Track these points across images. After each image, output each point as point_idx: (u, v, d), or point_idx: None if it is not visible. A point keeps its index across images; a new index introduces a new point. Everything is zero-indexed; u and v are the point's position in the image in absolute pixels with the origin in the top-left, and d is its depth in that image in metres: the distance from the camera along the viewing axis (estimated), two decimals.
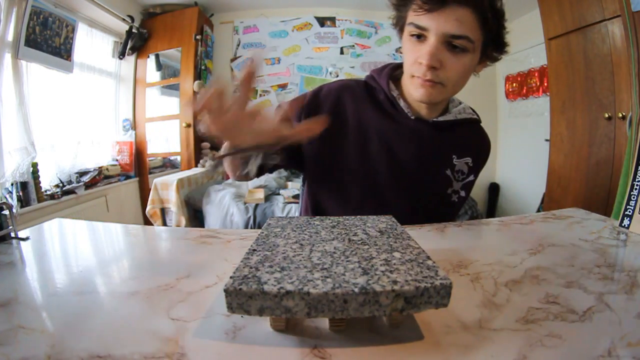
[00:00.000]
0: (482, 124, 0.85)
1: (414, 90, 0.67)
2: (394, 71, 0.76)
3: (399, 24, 0.69)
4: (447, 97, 0.71)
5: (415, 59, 0.63)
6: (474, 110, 0.83)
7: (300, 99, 0.48)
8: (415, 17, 0.61)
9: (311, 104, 0.76)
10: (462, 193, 0.79)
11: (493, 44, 0.65)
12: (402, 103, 0.74)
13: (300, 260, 0.34)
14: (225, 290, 0.29)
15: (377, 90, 0.77)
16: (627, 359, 0.28)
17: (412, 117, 0.74)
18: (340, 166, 0.75)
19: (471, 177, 0.79)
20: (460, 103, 0.81)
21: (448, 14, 0.58)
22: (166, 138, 3.41)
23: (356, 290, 0.28)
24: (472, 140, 0.81)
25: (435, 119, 0.74)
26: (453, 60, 0.61)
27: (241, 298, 0.29)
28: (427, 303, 0.29)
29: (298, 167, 0.80)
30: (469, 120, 0.79)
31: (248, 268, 0.32)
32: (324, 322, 0.33)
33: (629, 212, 0.61)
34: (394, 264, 0.33)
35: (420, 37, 0.62)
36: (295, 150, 0.77)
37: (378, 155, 0.74)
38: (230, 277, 0.30)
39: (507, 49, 0.69)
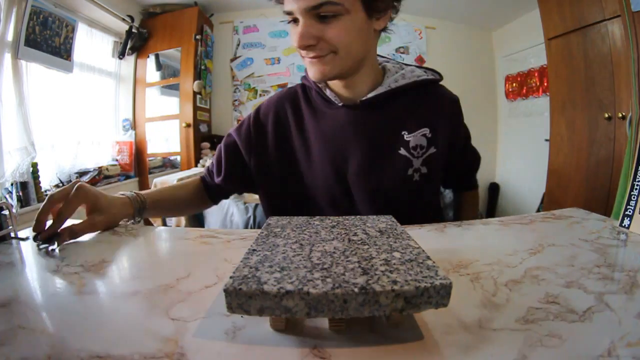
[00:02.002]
0: (441, 83, 0.76)
1: (309, 70, 0.65)
2: None
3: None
4: (348, 64, 0.64)
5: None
6: (429, 70, 0.75)
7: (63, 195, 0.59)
8: (284, 4, 0.61)
9: (255, 126, 0.77)
10: (424, 169, 0.70)
11: None
12: (328, 92, 0.71)
13: (300, 260, 0.34)
14: (225, 290, 0.29)
15: (309, 88, 0.76)
16: (627, 359, 0.28)
17: (340, 104, 0.70)
18: (294, 178, 0.74)
19: (432, 150, 0.70)
20: (401, 69, 0.73)
21: None
22: (166, 138, 3.41)
23: (356, 290, 0.28)
24: (424, 106, 0.71)
25: (363, 99, 0.68)
26: (328, 29, 0.59)
27: (241, 298, 0.29)
28: (427, 303, 0.29)
29: (251, 190, 0.82)
30: (417, 85, 0.71)
31: (248, 268, 0.32)
32: (324, 322, 0.33)
33: (629, 212, 0.61)
34: (394, 264, 0.33)
35: (296, 21, 0.61)
36: (245, 174, 0.78)
37: (320, 155, 0.71)
38: (230, 277, 0.30)
39: None
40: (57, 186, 2.22)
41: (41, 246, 0.54)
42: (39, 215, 0.55)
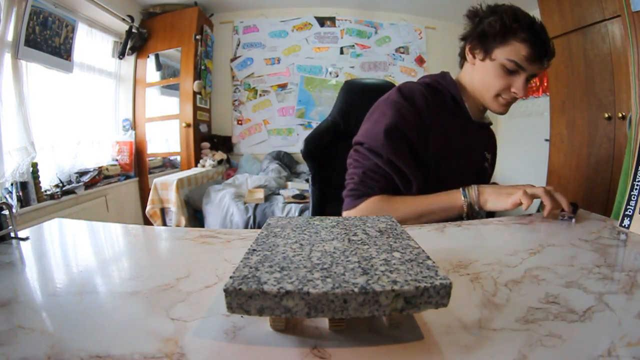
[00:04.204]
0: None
1: (496, 107, 0.83)
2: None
3: (484, 50, 0.80)
4: None
5: (506, 87, 0.79)
6: None
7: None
8: (518, 58, 0.75)
9: (409, 103, 0.81)
10: (490, 183, 0.96)
11: None
12: (467, 106, 0.86)
13: (300, 260, 0.34)
14: (225, 290, 0.29)
15: (442, 93, 0.86)
16: (627, 359, 0.28)
17: (474, 119, 0.87)
18: (423, 164, 0.82)
19: (491, 170, 0.99)
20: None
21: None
22: (166, 138, 3.41)
23: (356, 290, 0.28)
24: (491, 139, 1.00)
25: (482, 121, 0.91)
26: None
27: (241, 298, 0.29)
28: (427, 303, 0.29)
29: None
30: (489, 123, 0.97)
31: (248, 268, 0.32)
32: (324, 322, 0.33)
33: (629, 212, 0.61)
34: (394, 264, 0.33)
35: (514, 72, 0.77)
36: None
37: (453, 150, 0.85)
38: (230, 277, 0.30)
39: None
40: (57, 186, 2.22)
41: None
42: None
